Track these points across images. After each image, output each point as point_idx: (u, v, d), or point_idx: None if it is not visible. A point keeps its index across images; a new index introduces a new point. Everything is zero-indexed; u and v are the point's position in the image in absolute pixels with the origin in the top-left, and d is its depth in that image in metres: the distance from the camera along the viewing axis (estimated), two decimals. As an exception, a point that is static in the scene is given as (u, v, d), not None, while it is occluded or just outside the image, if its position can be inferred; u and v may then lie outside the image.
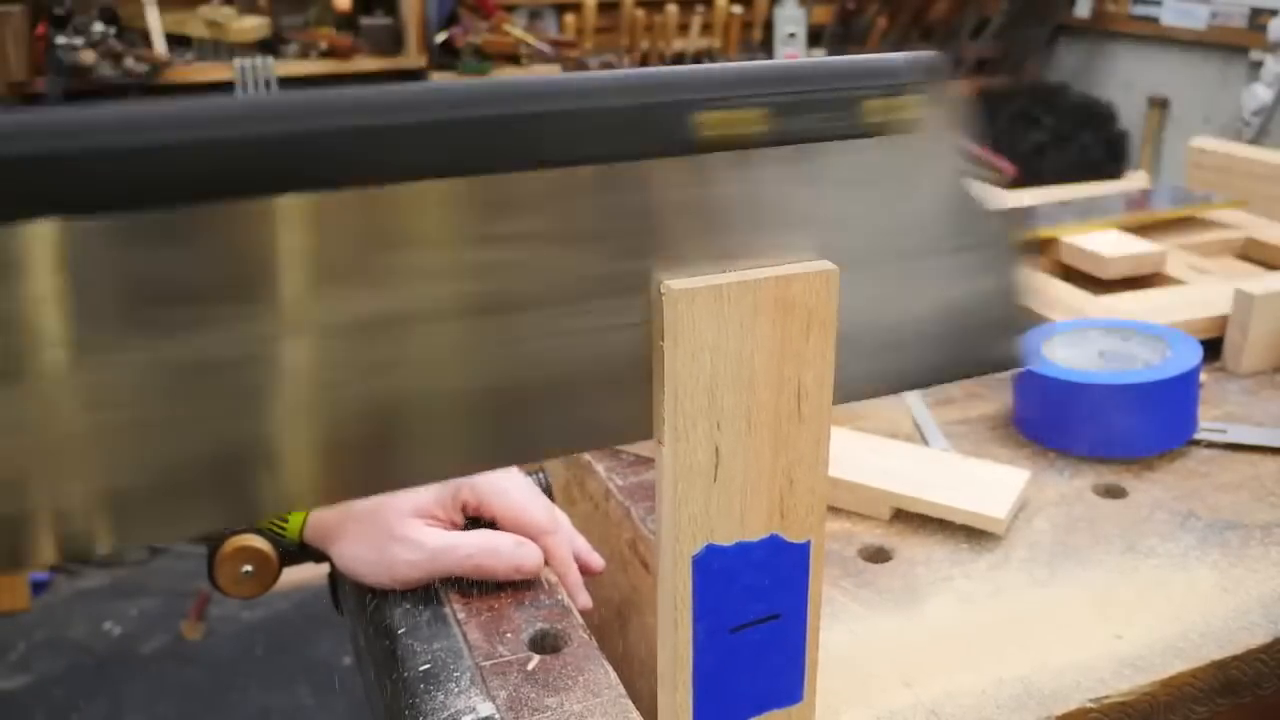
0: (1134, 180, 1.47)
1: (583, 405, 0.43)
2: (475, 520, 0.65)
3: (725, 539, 0.45)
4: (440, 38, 2.77)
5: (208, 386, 0.36)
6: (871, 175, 0.45)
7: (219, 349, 0.36)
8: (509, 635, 0.60)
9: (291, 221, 0.36)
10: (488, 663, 0.57)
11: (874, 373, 0.48)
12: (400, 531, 0.62)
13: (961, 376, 0.50)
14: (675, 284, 0.41)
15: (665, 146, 0.41)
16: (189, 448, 0.37)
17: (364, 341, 0.39)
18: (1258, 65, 2.97)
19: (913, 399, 0.89)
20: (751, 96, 0.41)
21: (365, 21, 2.71)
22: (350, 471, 0.40)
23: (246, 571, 0.66)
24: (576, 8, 2.98)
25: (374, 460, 0.40)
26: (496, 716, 0.53)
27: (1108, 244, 1.09)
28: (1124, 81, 3.45)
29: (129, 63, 2.48)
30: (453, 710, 0.54)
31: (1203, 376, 0.86)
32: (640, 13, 2.99)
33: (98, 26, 2.48)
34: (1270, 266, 1.16)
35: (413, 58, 2.73)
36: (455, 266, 0.39)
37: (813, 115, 0.42)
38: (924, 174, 0.46)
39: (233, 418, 0.37)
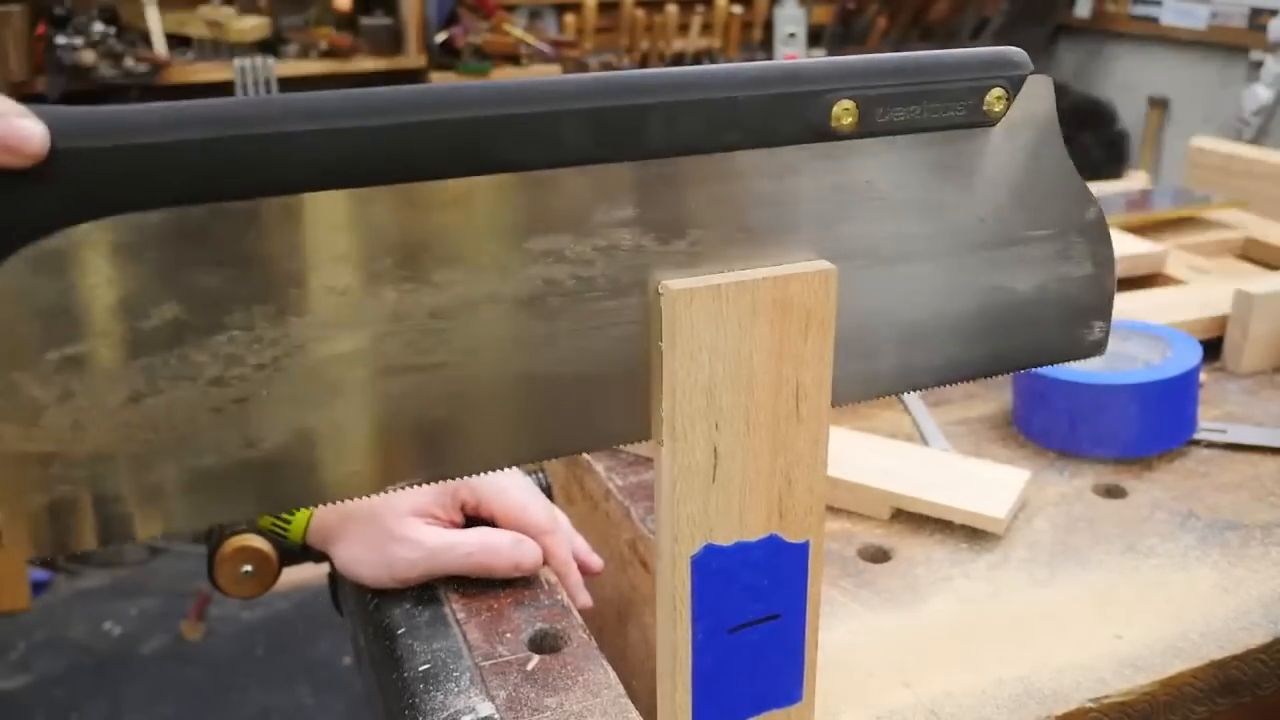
0: (1134, 180, 1.47)
1: None
2: (474, 520, 0.65)
3: (724, 539, 0.45)
4: (440, 38, 2.77)
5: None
6: (985, 162, 0.47)
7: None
8: (509, 635, 0.59)
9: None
10: (487, 663, 0.57)
11: (972, 359, 0.50)
12: (399, 531, 0.62)
13: (1050, 363, 0.52)
14: (674, 284, 0.41)
15: (803, 134, 0.43)
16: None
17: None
18: (1258, 65, 2.96)
19: (912, 399, 0.89)
20: (884, 86, 0.43)
21: (365, 21, 2.71)
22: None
23: (246, 571, 0.66)
24: (576, 8, 2.97)
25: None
26: (496, 716, 0.53)
27: (1108, 244, 1.09)
28: (1124, 82, 3.45)
29: (129, 63, 2.48)
30: (452, 710, 0.54)
31: (1203, 376, 0.86)
32: (640, 13, 2.99)
33: (98, 26, 2.47)
34: (1270, 266, 1.16)
35: (413, 58, 2.73)
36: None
37: (932, 105, 0.44)
38: (1030, 161, 0.48)
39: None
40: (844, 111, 0.43)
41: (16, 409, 0.35)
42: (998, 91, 0.46)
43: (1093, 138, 3.21)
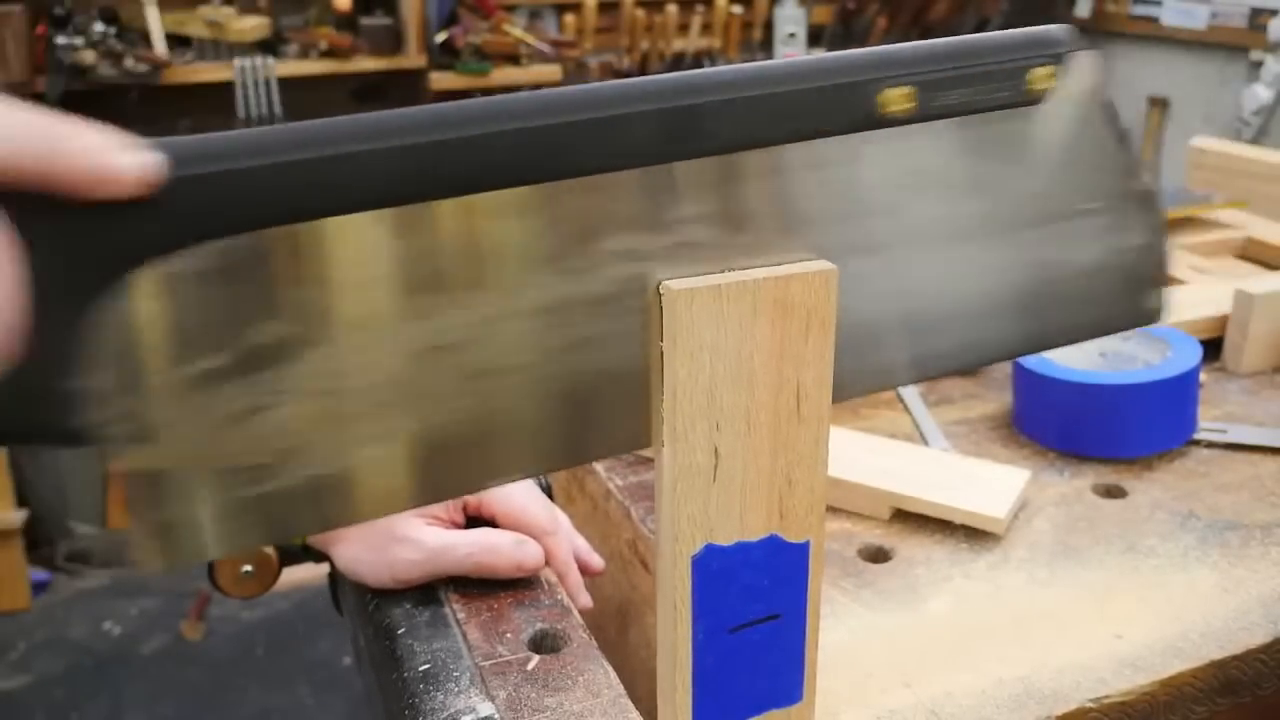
0: (1134, 180, 1.46)
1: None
2: (475, 520, 0.65)
3: (725, 539, 0.45)
4: (440, 38, 2.77)
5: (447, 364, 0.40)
6: (1035, 138, 0.47)
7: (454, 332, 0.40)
8: (509, 635, 0.59)
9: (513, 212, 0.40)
10: (487, 663, 0.57)
11: (1031, 334, 0.51)
12: (401, 531, 0.62)
13: (1109, 332, 0.53)
14: (674, 284, 0.41)
15: (859, 121, 0.44)
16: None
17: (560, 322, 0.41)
18: (1258, 65, 2.96)
19: (912, 399, 0.89)
20: (939, 70, 0.44)
21: (365, 21, 2.71)
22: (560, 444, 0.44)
23: (246, 571, 0.66)
24: (576, 8, 2.98)
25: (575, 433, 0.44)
26: (496, 716, 0.53)
27: (1108, 244, 1.09)
28: (1124, 82, 3.45)
29: (129, 63, 2.48)
30: (452, 710, 0.54)
31: (1203, 376, 0.85)
32: (640, 13, 2.99)
33: (98, 26, 2.47)
34: (1270, 266, 1.16)
35: (413, 58, 2.73)
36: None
37: (982, 86, 0.45)
38: (1078, 136, 0.48)
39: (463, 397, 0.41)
40: (901, 97, 0.44)
41: (135, 430, 0.36)
42: (1045, 69, 0.46)
43: (1093, 138, 3.20)
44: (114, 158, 0.34)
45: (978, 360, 0.51)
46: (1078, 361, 0.84)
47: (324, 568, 0.70)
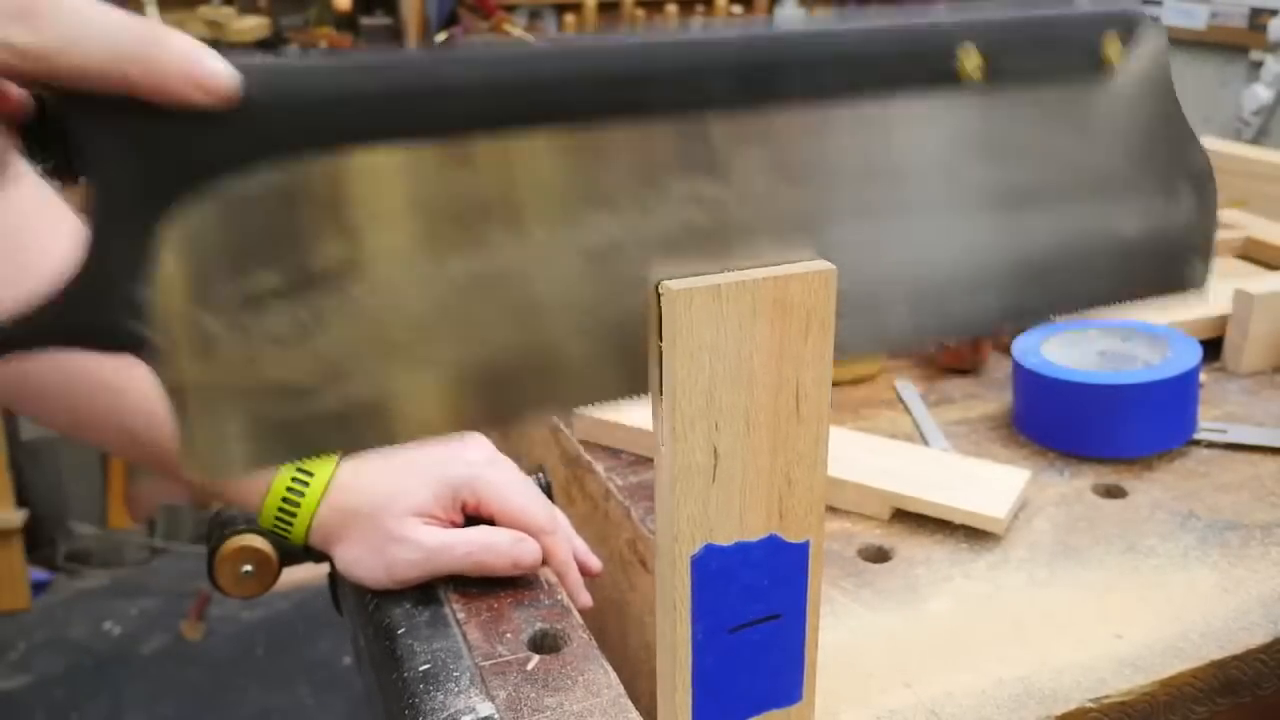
0: (1134, 180, 1.46)
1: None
2: (474, 519, 0.65)
3: (724, 539, 0.45)
4: (440, 38, 2.77)
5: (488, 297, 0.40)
6: (1101, 109, 0.48)
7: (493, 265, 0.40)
8: (509, 635, 0.60)
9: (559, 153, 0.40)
10: (487, 663, 0.57)
11: (1079, 296, 0.52)
12: (399, 532, 0.62)
13: (1155, 297, 0.54)
14: (673, 284, 0.41)
15: (932, 82, 0.44)
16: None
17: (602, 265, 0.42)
18: (1258, 65, 2.96)
19: (912, 399, 0.89)
20: (1009, 36, 0.45)
21: (365, 21, 2.72)
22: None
23: (246, 571, 0.66)
24: (576, 8, 2.98)
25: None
26: (496, 716, 0.53)
27: (1108, 244, 1.09)
28: (1124, 81, 3.45)
29: (129, 63, 2.48)
30: (452, 710, 0.54)
31: (1203, 376, 0.86)
32: (640, 13, 2.99)
33: (98, 26, 2.48)
34: (1270, 266, 1.16)
35: (413, 58, 2.73)
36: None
37: (1052, 55, 0.46)
38: (1143, 108, 0.49)
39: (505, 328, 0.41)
40: (971, 60, 0.45)
41: (195, 342, 0.37)
42: (1114, 41, 0.47)
43: (1093, 138, 3.20)
44: (209, 63, 0.34)
45: (1036, 318, 0.52)
46: (1077, 361, 0.84)
47: (324, 568, 0.70)
